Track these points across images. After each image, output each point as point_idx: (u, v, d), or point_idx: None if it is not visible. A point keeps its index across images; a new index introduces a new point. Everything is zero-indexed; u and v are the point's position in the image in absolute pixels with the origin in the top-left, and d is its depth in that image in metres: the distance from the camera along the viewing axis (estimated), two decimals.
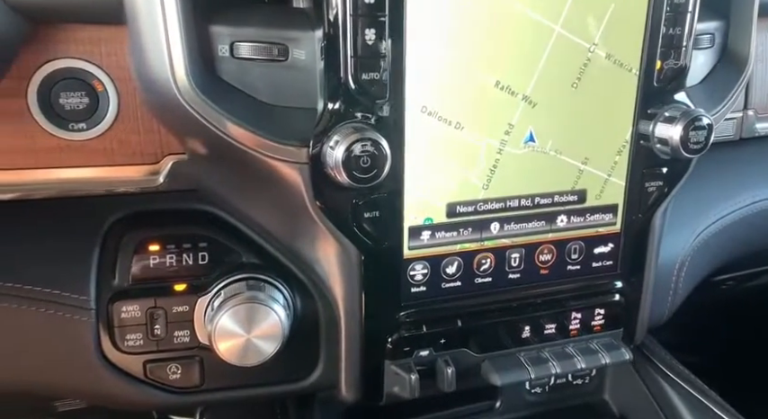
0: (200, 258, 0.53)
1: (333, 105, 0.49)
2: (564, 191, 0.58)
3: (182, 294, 0.52)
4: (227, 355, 0.50)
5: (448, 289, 0.57)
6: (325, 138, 0.48)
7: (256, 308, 0.50)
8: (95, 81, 0.52)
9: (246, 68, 0.49)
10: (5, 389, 0.54)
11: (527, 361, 0.60)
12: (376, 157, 0.47)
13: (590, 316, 0.63)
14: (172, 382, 0.53)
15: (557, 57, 0.53)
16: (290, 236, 0.55)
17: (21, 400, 0.66)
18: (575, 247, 0.60)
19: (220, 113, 0.47)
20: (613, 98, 0.57)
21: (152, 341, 0.52)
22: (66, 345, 0.50)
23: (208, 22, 0.48)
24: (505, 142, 0.54)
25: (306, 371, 0.57)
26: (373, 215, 0.52)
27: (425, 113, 0.51)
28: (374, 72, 0.48)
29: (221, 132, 0.48)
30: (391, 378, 0.57)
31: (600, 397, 0.80)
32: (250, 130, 0.48)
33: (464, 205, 0.55)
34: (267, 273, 0.54)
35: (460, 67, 0.51)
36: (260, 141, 0.48)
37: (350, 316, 0.55)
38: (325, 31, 0.47)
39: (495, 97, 0.53)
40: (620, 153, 0.59)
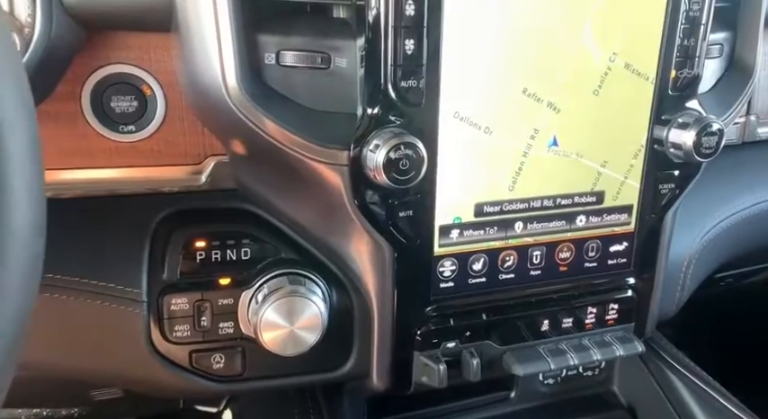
0: (242, 254, 0.56)
1: (372, 110, 0.51)
2: (583, 193, 0.61)
3: (226, 288, 0.54)
4: (272, 345, 0.52)
5: (474, 284, 0.59)
6: (364, 142, 0.51)
7: (298, 301, 0.52)
8: (144, 85, 0.54)
9: (291, 75, 0.51)
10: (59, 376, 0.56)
11: (546, 352, 0.63)
12: (414, 160, 0.49)
13: (604, 310, 0.66)
14: (215, 371, 0.55)
15: (580, 67, 0.56)
16: (327, 233, 0.57)
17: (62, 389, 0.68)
18: (592, 246, 0.63)
19: (268, 118, 0.49)
20: (631, 105, 0.59)
21: (198, 332, 0.54)
22: (119, 335, 0.53)
23: (256, 31, 0.50)
24: (531, 146, 0.57)
25: (340, 361, 0.59)
26: (407, 214, 0.54)
27: (458, 119, 0.53)
28: (412, 80, 0.50)
29: (268, 135, 0.50)
30: (420, 368, 0.59)
31: (609, 388, 0.83)
32: (294, 134, 0.50)
33: (491, 205, 0.57)
34: (305, 268, 0.56)
35: (491, 76, 0.53)
36: (303, 144, 0.50)
37: (382, 310, 0.57)
38: (367, 41, 0.50)
39: (522, 104, 0.55)
40: (636, 156, 0.61)
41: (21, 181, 0.28)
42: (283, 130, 0.50)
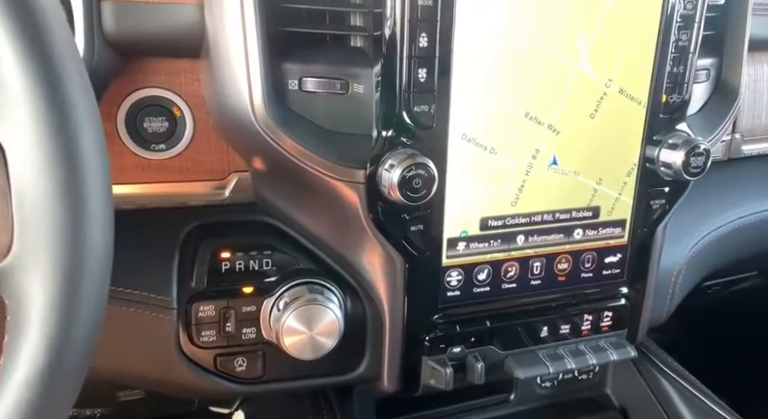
0: (264, 264, 0.59)
1: (386, 133, 0.54)
2: (580, 208, 0.64)
3: (249, 296, 0.57)
4: (293, 350, 0.55)
5: (478, 293, 0.63)
6: (380, 162, 0.54)
7: (317, 309, 0.55)
8: (175, 107, 0.57)
9: (311, 100, 0.55)
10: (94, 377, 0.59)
11: (545, 357, 0.66)
12: (425, 179, 0.53)
13: (599, 317, 0.69)
14: (238, 373, 0.58)
15: (578, 92, 0.59)
16: (342, 244, 0.60)
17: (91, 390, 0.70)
18: (588, 257, 0.66)
19: (291, 139, 0.53)
20: (624, 127, 0.63)
21: (223, 337, 0.57)
22: (151, 340, 0.55)
23: (281, 60, 0.53)
24: (532, 165, 0.60)
25: (353, 365, 0.62)
26: (418, 228, 0.57)
27: (465, 140, 0.57)
28: (424, 105, 0.54)
29: (290, 155, 0.53)
30: (428, 371, 0.63)
31: (602, 391, 0.86)
32: (315, 154, 0.53)
33: (495, 219, 0.61)
34: (322, 278, 0.59)
35: (496, 101, 0.57)
36: (323, 163, 0.54)
37: (393, 317, 0.60)
38: (382, 69, 0.53)
39: (524, 126, 0.58)
40: (629, 174, 0.65)
41: (94, 193, 0.31)
42: (305, 150, 0.53)
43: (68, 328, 0.31)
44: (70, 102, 0.30)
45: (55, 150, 0.29)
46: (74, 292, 0.31)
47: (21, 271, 0.30)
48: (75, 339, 0.31)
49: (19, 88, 0.29)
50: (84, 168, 0.31)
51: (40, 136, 0.29)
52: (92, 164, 0.31)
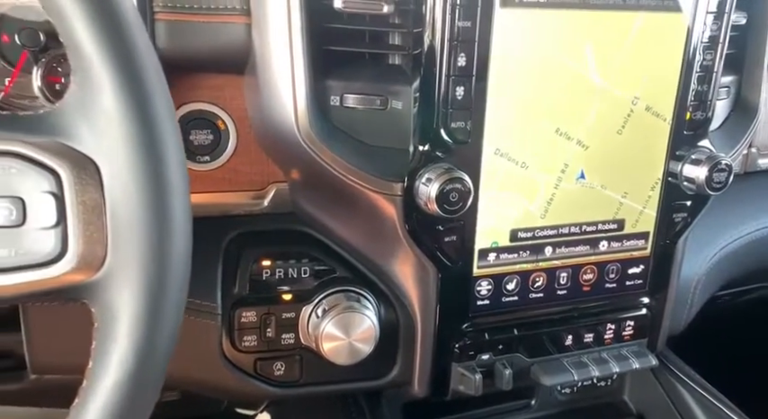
0: (302, 272, 0.60)
1: (423, 147, 0.56)
2: (606, 221, 0.65)
3: (289, 302, 0.59)
4: (331, 355, 0.56)
5: (507, 302, 0.64)
6: (416, 176, 0.55)
7: (355, 316, 0.56)
8: (219, 121, 0.59)
9: (351, 115, 0.56)
10: None
11: (570, 365, 0.67)
12: (462, 193, 0.54)
13: (621, 327, 0.70)
14: (276, 377, 0.59)
15: (606, 109, 0.60)
16: (376, 254, 0.61)
17: None
18: (612, 268, 0.67)
19: (333, 152, 0.54)
20: (649, 142, 0.64)
21: (264, 342, 0.58)
22: (196, 344, 0.56)
23: (324, 77, 0.54)
24: (561, 179, 0.61)
25: (386, 370, 0.63)
26: (451, 239, 0.59)
27: (498, 155, 0.58)
28: (461, 121, 0.55)
29: (331, 168, 0.55)
30: (457, 377, 0.64)
31: (620, 398, 0.86)
32: (355, 167, 0.55)
33: (524, 231, 0.62)
34: (358, 286, 0.61)
35: (529, 117, 0.58)
36: (363, 176, 0.55)
37: (425, 325, 0.61)
38: (421, 86, 0.54)
39: (555, 141, 0.60)
40: (653, 188, 0.66)
41: (178, 209, 0.32)
42: (345, 164, 0.54)
43: (154, 336, 0.32)
44: (158, 120, 0.31)
45: (145, 168, 0.31)
46: (160, 303, 0.32)
47: (112, 283, 0.31)
48: (160, 346, 0.33)
49: (112, 108, 0.30)
50: (171, 185, 0.32)
51: (131, 154, 0.30)
52: (177, 181, 0.32)
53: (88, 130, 0.30)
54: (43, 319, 0.55)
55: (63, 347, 0.55)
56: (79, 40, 0.30)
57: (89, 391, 0.32)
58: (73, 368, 0.60)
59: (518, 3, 0.54)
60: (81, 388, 0.33)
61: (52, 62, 0.58)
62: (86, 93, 0.31)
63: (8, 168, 0.30)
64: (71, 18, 0.29)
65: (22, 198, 0.30)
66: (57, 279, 0.31)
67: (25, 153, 0.30)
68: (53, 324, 0.56)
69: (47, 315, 0.55)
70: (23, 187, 0.30)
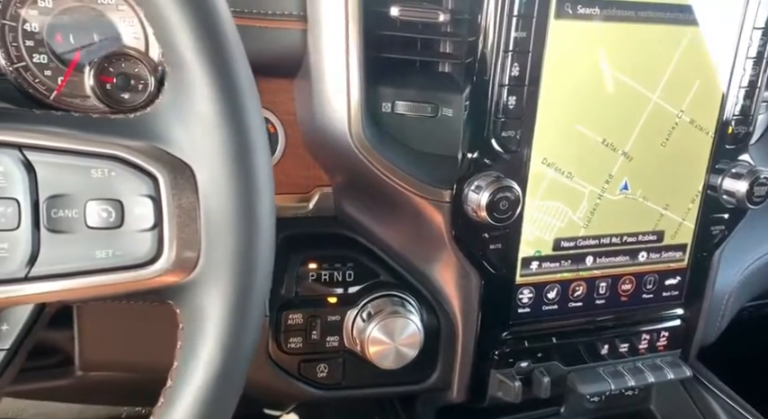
0: (347, 276, 0.60)
1: (472, 155, 0.56)
2: (646, 232, 0.65)
3: (334, 305, 0.59)
4: (377, 359, 0.56)
5: (547, 311, 0.64)
6: (466, 183, 0.55)
7: (400, 321, 0.56)
8: (270, 124, 0.59)
9: (402, 122, 0.56)
10: None
11: (606, 374, 0.67)
12: (512, 202, 0.54)
13: (656, 337, 0.70)
14: (319, 379, 0.59)
15: (652, 121, 0.60)
16: (420, 259, 0.61)
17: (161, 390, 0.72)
18: (650, 279, 0.67)
19: (384, 158, 0.54)
20: (691, 155, 0.64)
21: (309, 344, 0.58)
22: None
23: (377, 83, 0.55)
24: (605, 189, 0.61)
25: (425, 375, 0.63)
26: (496, 247, 0.59)
27: (545, 164, 0.58)
28: (511, 130, 0.55)
29: (382, 174, 0.55)
30: (495, 384, 0.64)
31: (647, 407, 0.86)
32: (406, 174, 0.55)
33: (567, 240, 0.62)
34: (401, 291, 0.61)
35: (577, 127, 0.58)
36: (413, 182, 0.55)
37: (466, 331, 0.61)
38: (472, 95, 0.55)
39: (601, 152, 0.60)
40: (693, 201, 0.66)
41: (266, 215, 0.32)
42: (396, 170, 0.55)
43: (241, 336, 0.32)
44: (252, 127, 0.32)
45: (238, 174, 0.31)
46: (247, 304, 0.32)
47: (202, 285, 0.31)
48: (245, 346, 0.33)
49: (210, 115, 0.30)
50: (260, 191, 0.32)
51: (227, 160, 0.31)
52: (265, 186, 0.33)
53: (184, 135, 0.31)
54: (95, 318, 0.55)
55: (111, 345, 0.56)
56: (177, 44, 0.30)
57: (176, 391, 0.32)
58: (118, 365, 0.61)
59: (572, 15, 0.54)
60: (166, 389, 0.33)
61: (104, 62, 0.59)
62: (181, 97, 0.31)
63: (108, 171, 0.30)
64: (171, 23, 0.30)
65: (121, 201, 0.30)
66: (151, 280, 0.31)
67: (125, 157, 0.30)
68: (104, 323, 0.56)
69: (98, 314, 0.55)
70: (122, 190, 0.30)
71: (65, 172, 0.30)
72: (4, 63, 0.55)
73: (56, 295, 0.30)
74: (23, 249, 0.29)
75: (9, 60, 0.56)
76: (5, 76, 0.56)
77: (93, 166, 0.30)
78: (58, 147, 0.29)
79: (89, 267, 0.30)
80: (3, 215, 0.29)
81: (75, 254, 0.30)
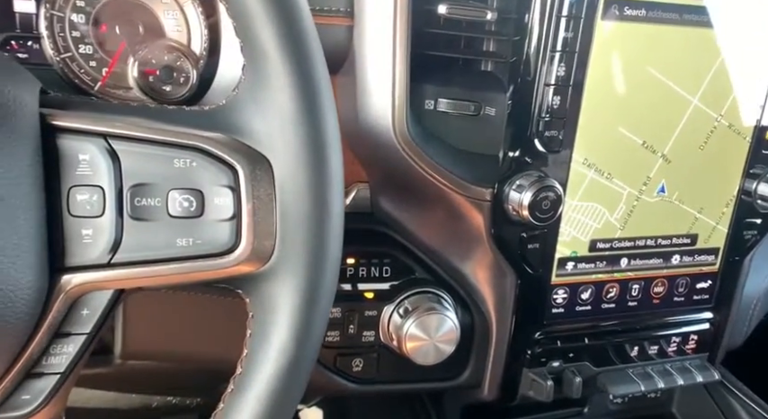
0: (384, 272, 0.60)
1: (514, 154, 0.56)
2: (680, 235, 0.65)
3: (371, 301, 0.59)
4: (413, 354, 0.56)
5: (580, 311, 0.64)
6: (507, 182, 0.56)
7: (438, 318, 0.57)
8: None
9: (444, 119, 0.56)
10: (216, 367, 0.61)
11: (636, 376, 0.67)
12: (554, 201, 0.54)
13: (685, 340, 0.70)
14: (354, 373, 0.59)
15: (692, 124, 0.60)
16: (456, 257, 0.61)
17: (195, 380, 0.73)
18: (682, 282, 0.67)
19: (427, 156, 0.54)
20: (728, 159, 0.64)
21: (345, 338, 0.58)
22: None
23: (421, 81, 0.55)
24: (643, 191, 0.61)
25: (457, 372, 0.63)
26: (534, 246, 0.59)
27: (586, 165, 0.58)
28: (554, 130, 0.55)
29: (424, 171, 0.55)
30: (527, 383, 0.64)
31: (668, 410, 0.86)
32: (448, 172, 0.55)
33: (603, 242, 0.62)
34: (436, 287, 0.61)
35: (618, 129, 0.58)
36: (455, 180, 0.55)
37: (500, 330, 0.61)
38: (516, 94, 0.55)
39: (640, 154, 0.60)
40: (727, 205, 0.66)
41: (338, 208, 0.33)
42: (439, 167, 0.55)
43: (312, 327, 0.33)
44: (328, 121, 0.32)
45: (315, 167, 0.31)
46: (318, 293, 0.33)
47: (277, 275, 0.32)
48: (316, 337, 0.33)
49: (289, 108, 0.31)
50: (333, 184, 0.32)
51: (304, 154, 0.31)
52: (338, 181, 0.33)
53: (262, 128, 0.31)
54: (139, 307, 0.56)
55: (153, 335, 0.56)
56: (260, 38, 0.30)
57: (248, 378, 0.32)
58: (157, 355, 0.62)
59: (618, 16, 0.54)
60: (236, 376, 0.33)
61: (148, 54, 0.59)
62: (260, 90, 0.31)
63: (190, 162, 0.30)
64: (254, 17, 0.30)
65: (202, 191, 0.30)
66: (228, 269, 0.31)
67: (206, 148, 0.30)
68: (147, 312, 0.56)
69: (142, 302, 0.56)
70: (203, 180, 0.30)
71: (148, 161, 0.30)
72: (51, 53, 0.56)
73: (136, 281, 0.31)
74: (107, 236, 0.30)
75: (56, 50, 0.56)
76: (52, 67, 0.57)
77: (176, 157, 0.30)
78: (141, 137, 0.30)
79: (170, 255, 0.30)
80: (88, 202, 0.29)
81: (156, 242, 0.30)
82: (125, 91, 0.60)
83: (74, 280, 0.30)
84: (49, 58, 0.56)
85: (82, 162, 0.29)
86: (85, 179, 0.29)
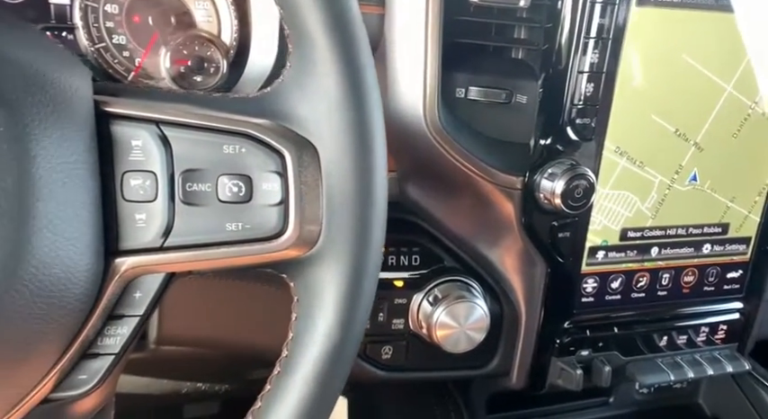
0: (413, 260, 0.60)
1: (545, 142, 0.56)
2: (712, 224, 0.64)
3: (400, 289, 0.59)
4: (444, 342, 0.57)
5: (610, 300, 0.63)
6: (539, 170, 0.56)
7: (468, 306, 0.57)
8: None
9: (474, 107, 0.56)
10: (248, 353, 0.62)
11: (665, 365, 0.67)
12: (587, 190, 0.54)
13: (715, 330, 0.70)
14: (383, 361, 0.60)
15: (726, 112, 0.60)
16: (485, 246, 0.61)
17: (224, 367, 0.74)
18: (712, 272, 0.67)
19: (458, 144, 0.54)
20: (761, 148, 0.63)
21: (375, 325, 0.59)
22: None
23: (452, 69, 0.55)
24: (675, 180, 0.61)
25: (486, 360, 0.63)
26: (565, 235, 0.59)
27: (618, 153, 0.58)
28: (587, 118, 0.55)
29: (455, 159, 0.55)
30: (556, 371, 0.64)
31: (695, 401, 0.86)
32: (479, 160, 0.55)
33: (634, 231, 0.61)
34: (466, 276, 0.61)
35: (651, 116, 0.57)
36: (486, 169, 0.55)
37: (530, 318, 0.61)
38: (548, 82, 0.54)
39: (673, 142, 0.59)
40: (760, 194, 0.65)
41: (382, 196, 0.33)
42: (470, 156, 0.54)
43: (357, 311, 0.33)
44: (375, 107, 0.32)
45: (360, 153, 0.31)
46: (363, 277, 0.33)
47: (322, 259, 0.32)
48: (360, 321, 0.34)
49: (337, 94, 0.31)
50: (378, 170, 0.33)
51: (351, 140, 0.31)
52: (383, 167, 0.33)
53: (308, 114, 0.31)
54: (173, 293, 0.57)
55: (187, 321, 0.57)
56: (307, 24, 0.30)
57: (294, 361, 0.33)
58: (193, 341, 0.63)
59: (653, 2, 0.53)
60: (283, 359, 0.34)
61: (179, 45, 0.60)
62: (305, 76, 0.31)
63: (239, 148, 0.31)
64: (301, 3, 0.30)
65: (251, 176, 0.31)
66: (275, 254, 0.32)
67: (254, 134, 0.31)
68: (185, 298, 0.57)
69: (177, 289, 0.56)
70: (252, 166, 0.31)
71: (198, 147, 0.30)
72: (86, 43, 0.56)
73: (187, 265, 0.31)
74: (160, 220, 0.30)
75: (91, 41, 0.57)
76: (86, 57, 0.57)
77: (225, 143, 0.31)
78: (192, 124, 0.30)
79: (219, 239, 0.31)
80: (141, 187, 0.30)
81: (206, 227, 0.31)
82: (156, 81, 0.61)
83: (127, 264, 0.30)
84: (84, 49, 0.57)
85: (135, 148, 0.30)
86: (138, 164, 0.30)
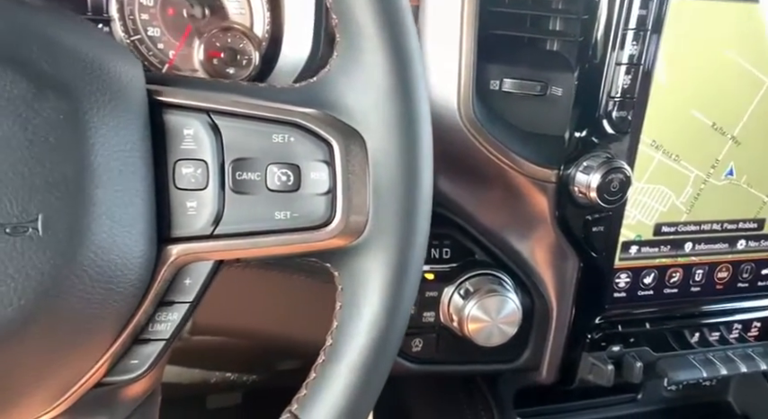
0: (444, 253, 0.60)
1: (580, 134, 0.55)
2: (747, 219, 0.63)
3: (431, 282, 0.59)
4: (475, 336, 0.56)
5: (642, 296, 0.63)
6: (574, 164, 0.55)
7: (500, 300, 0.56)
8: None
9: (509, 99, 0.56)
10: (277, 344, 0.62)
11: (697, 362, 0.66)
12: (623, 183, 0.53)
13: (748, 327, 0.69)
14: (413, 353, 0.60)
15: (763, 105, 0.59)
16: (517, 240, 0.61)
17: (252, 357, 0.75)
18: (747, 268, 0.66)
19: (493, 137, 0.54)
20: None
21: None
22: None
23: (486, 61, 0.54)
24: (711, 174, 0.60)
25: (516, 354, 0.63)
26: (598, 229, 0.58)
27: (654, 147, 0.57)
28: (623, 111, 0.54)
29: (489, 152, 0.54)
30: (587, 367, 0.63)
31: (724, 399, 0.85)
32: (513, 153, 0.55)
33: (668, 225, 0.61)
34: (497, 270, 0.61)
35: (688, 110, 0.56)
36: (519, 162, 0.55)
37: (561, 313, 0.61)
38: (585, 74, 0.54)
39: (709, 136, 0.58)
40: None
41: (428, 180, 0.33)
42: (504, 149, 0.54)
43: (402, 301, 0.33)
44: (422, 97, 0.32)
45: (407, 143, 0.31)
46: (408, 267, 0.33)
47: (369, 249, 0.32)
48: (405, 311, 0.34)
49: (386, 84, 0.31)
50: (425, 161, 0.33)
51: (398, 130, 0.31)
52: (429, 157, 0.33)
53: (356, 103, 0.31)
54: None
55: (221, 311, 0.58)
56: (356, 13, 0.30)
57: (340, 349, 0.33)
58: (225, 331, 0.63)
59: None
60: (327, 347, 0.34)
61: (212, 37, 0.60)
62: (353, 65, 0.31)
63: (288, 137, 0.31)
64: None
65: (299, 165, 0.31)
66: (323, 242, 0.32)
67: (303, 123, 0.31)
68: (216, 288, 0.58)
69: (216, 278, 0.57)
70: (300, 155, 0.31)
71: (248, 136, 0.31)
72: (122, 35, 0.57)
73: (236, 253, 0.32)
74: (210, 208, 0.30)
75: (127, 33, 0.57)
76: None
77: (274, 132, 0.31)
78: (242, 113, 0.30)
79: (268, 227, 0.31)
80: (193, 175, 0.30)
81: (256, 215, 0.31)
82: (190, 72, 0.61)
83: (178, 251, 0.31)
84: (120, 41, 0.58)
85: (186, 136, 0.30)
86: (190, 153, 0.30)
